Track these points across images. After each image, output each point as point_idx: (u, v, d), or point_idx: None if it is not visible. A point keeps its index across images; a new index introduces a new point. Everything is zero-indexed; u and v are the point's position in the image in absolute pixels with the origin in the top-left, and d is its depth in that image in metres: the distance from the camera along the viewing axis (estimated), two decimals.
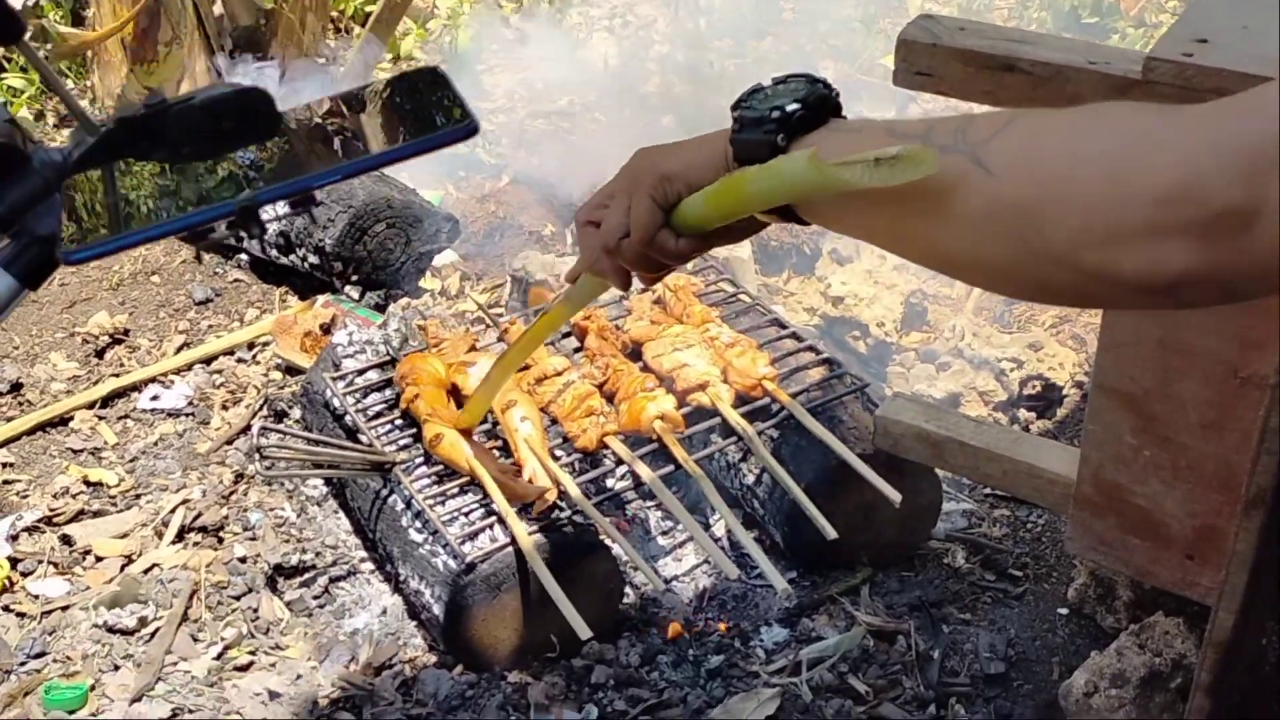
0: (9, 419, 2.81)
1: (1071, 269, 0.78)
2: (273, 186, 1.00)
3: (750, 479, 2.41)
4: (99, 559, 2.40)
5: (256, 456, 2.16)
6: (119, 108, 1.08)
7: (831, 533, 2.12)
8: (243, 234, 0.99)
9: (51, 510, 2.52)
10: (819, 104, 0.99)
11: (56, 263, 0.98)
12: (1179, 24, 1.76)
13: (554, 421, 2.37)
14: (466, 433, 2.24)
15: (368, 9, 4.42)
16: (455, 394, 2.40)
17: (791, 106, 0.98)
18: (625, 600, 2.27)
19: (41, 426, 2.77)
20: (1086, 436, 1.95)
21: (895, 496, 2.17)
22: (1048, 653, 2.20)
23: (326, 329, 2.96)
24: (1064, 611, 2.28)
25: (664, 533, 2.49)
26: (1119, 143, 0.76)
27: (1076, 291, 0.83)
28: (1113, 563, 2.03)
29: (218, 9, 4.17)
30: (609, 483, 2.45)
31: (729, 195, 1.01)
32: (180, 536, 2.44)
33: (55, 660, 2.17)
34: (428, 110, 1.13)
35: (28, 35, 0.94)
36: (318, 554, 2.40)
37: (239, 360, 3.00)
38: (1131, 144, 0.76)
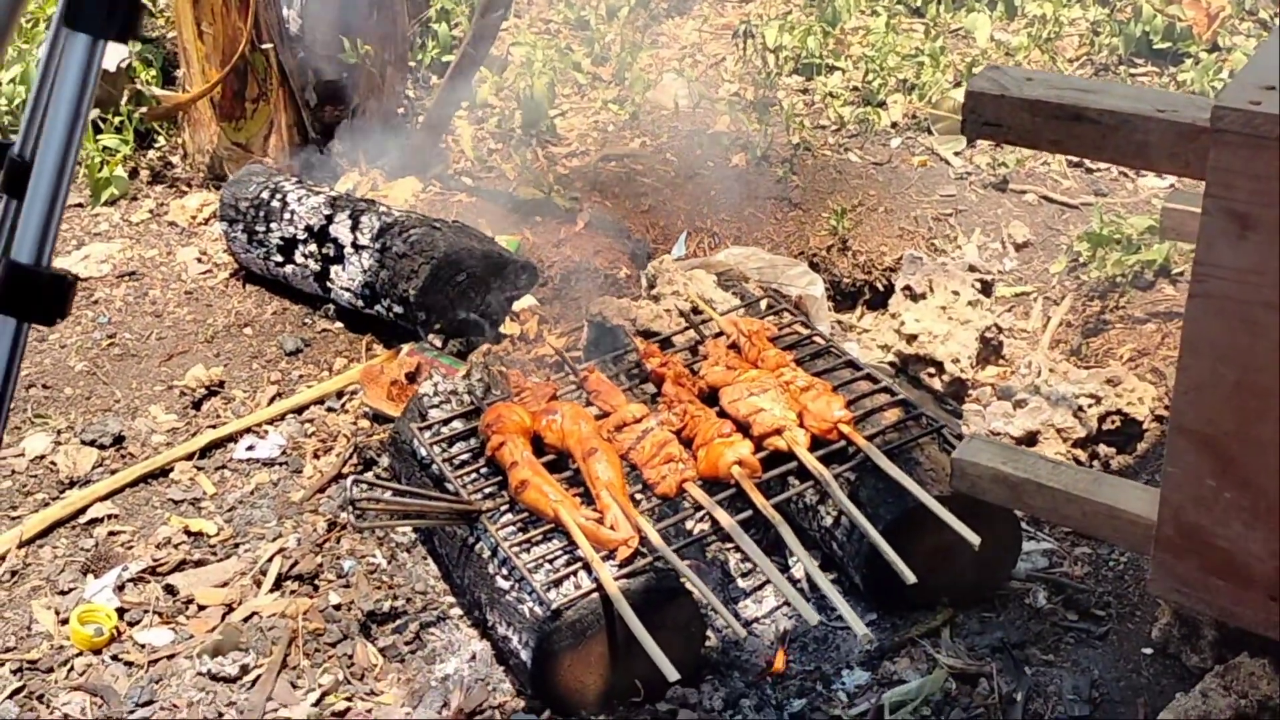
0: (113, 471, 2.93)
1: None
2: None
3: (829, 521, 2.44)
4: (201, 608, 2.50)
5: (349, 509, 2.25)
6: None
7: (910, 577, 2.14)
8: None
9: (155, 560, 2.63)
10: None
11: None
12: (1247, 70, 1.78)
13: (633, 468, 2.43)
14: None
15: (445, 59, 4.54)
16: (538, 442, 2.46)
17: None
18: (707, 643, 2.31)
19: (143, 478, 2.89)
20: (1166, 478, 1.95)
21: (974, 540, 2.19)
22: (1133, 694, 2.20)
23: (411, 377, 3.05)
24: (1148, 651, 2.27)
25: (745, 574, 2.53)
26: None
27: None
28: (1196, 604, 2.02)
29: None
30: (690, 525, 2.50)
31: None
32: (278, 585, 2.54)
33: (162, 709, 2.26)
34: None
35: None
36: (408, 600, 2.48)
37: (329, 409, 3.11)
38: None
